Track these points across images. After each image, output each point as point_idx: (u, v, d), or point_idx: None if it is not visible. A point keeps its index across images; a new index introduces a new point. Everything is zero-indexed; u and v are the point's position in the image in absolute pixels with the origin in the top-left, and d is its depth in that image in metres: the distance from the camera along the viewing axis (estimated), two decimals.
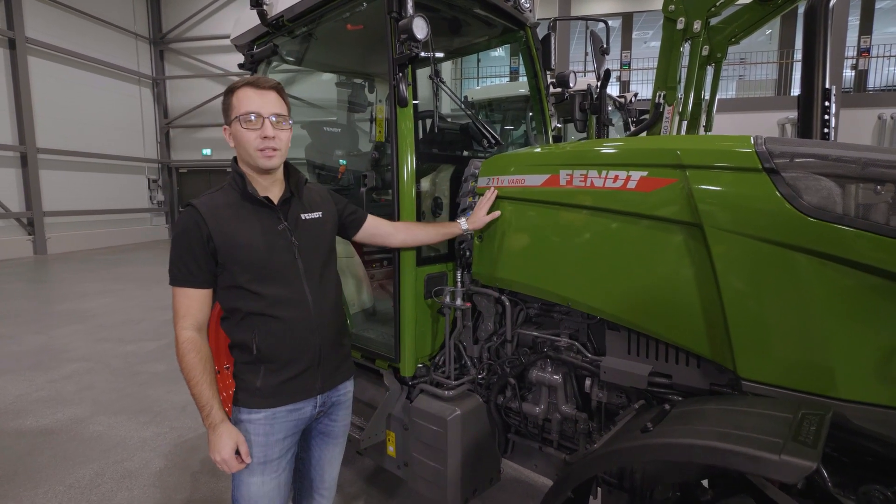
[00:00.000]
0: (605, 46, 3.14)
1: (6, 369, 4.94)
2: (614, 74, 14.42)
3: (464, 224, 2.11)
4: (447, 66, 13.36)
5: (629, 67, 15.14)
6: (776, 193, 1.37)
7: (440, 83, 2.24)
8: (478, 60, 15.84)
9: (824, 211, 1.30)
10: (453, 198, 2.41)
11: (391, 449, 2.40)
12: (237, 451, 1.50)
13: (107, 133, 15.12)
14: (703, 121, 4.50)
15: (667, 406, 1.43)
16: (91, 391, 4.43)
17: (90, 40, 14.58)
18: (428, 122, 2.78)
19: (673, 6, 3.73)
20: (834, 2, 2.06)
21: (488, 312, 2.24)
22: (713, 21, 3.94)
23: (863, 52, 14.04)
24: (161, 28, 17.05)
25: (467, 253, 2.30)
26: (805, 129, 2.14)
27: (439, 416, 2.12)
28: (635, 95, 7.76)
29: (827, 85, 2.07)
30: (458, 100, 2.45)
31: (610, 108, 6.90)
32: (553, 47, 2.95)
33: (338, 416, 1.80)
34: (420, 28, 1.96)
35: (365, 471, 3.13)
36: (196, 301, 1.51)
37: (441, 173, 2.47)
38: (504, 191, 2.12)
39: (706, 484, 1.41)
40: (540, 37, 3.03)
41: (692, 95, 4.07)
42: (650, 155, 1.67)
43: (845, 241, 1.26)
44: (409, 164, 2.20)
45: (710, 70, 4.31)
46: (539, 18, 3.10)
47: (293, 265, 1.58)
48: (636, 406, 1.67)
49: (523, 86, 5.42)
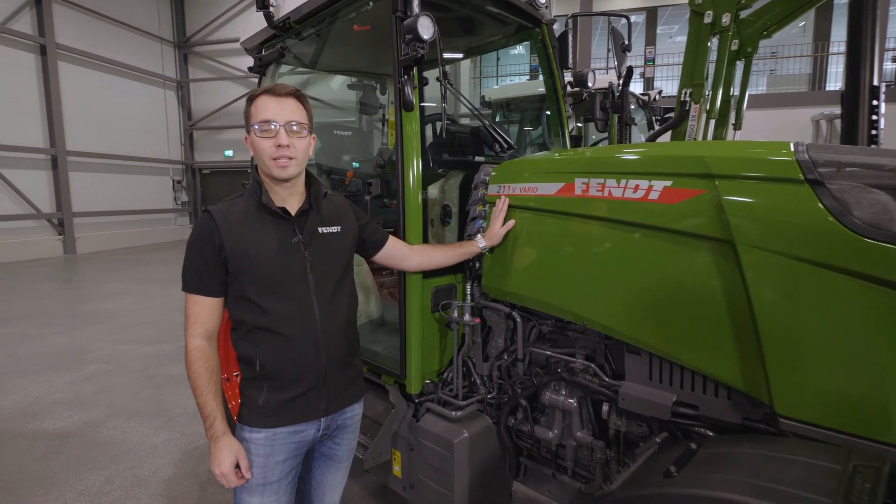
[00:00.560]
0: (627, 43, 2.97)
1: (30, 370, 5.01)
2: (637, 71, 14.05)
3: (481, 242, 2.00)
4: (465, 65, 13.24)
5: (653, 64, 14.73)
6: (820, 207, 1.21)
7: (448, 85, 2.12)
8: (497, 59, 15.67)
9: (878, 229, 1.13)
10: (463, 205, 2.29)
11: (397, 469, 2.29)
12: (238, 465, 1.46)
13: (133, 135, 15.43)
14: (732, 118, 4.27)
15: (693, 445, 1.28)
16: (108, 394, 4.45)
17: (117, 45, 14.89)
18: (438, 126, 2.66)
19: None
20: None
21: (498, 328, 2.11)
22: (743, 14, 3.73)
23: None
24: (185, 32, 17.33)
25: (477, 265, 2.18)
26: (850, 131, 1.95)
27: (446, 439, 2.00)
28: (659, 93, 7.49)
29: (875, 82, 1.87)
30: (469, 103, 2.31)
31: (633, 107, 6.66)
32: (571, 45, 2.80)
33: (342, 440, 1.71)
34: (426, 28, 1.84)
35: (371, 486, 3.03)
36: (206, 309, 1.48)
37: (450, 180, 2.35)
38: (516, 199, 1.99)
39: None
40: (557, 34, 2.88)
41: (720, 92, 3.85)
42: (675, 163, 1.52)
43: None
44: (415, 170, 2.08)
45: (740, 65, 4.07)
46: (557, 15, 2.95)
47: (303, 280, 1.52)
48: (658, 440, 1.52)
49: (543, 84, 5.27)
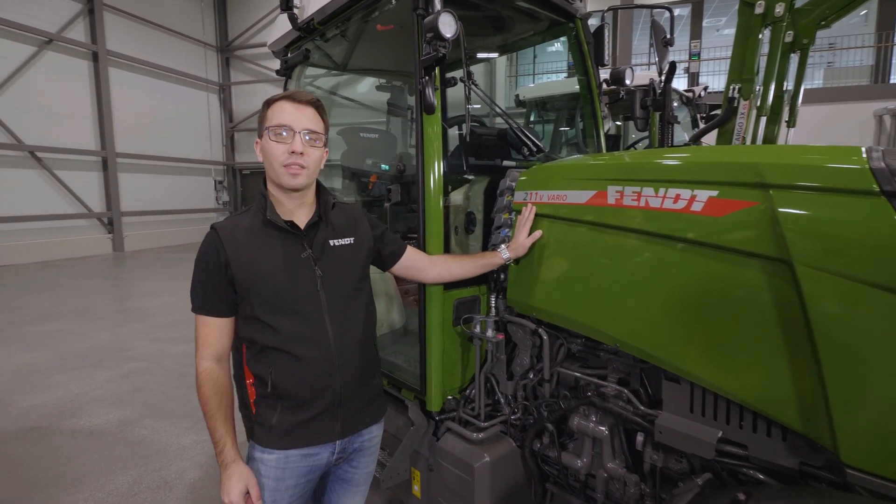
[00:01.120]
0: (670, 37, 2.76)
1: (73, 366, 5.19)
2: (681, 67, 13.46)
3: (504, 253, 1.88)
4: (501, 63, 13.02)
5: (699, 58, 14.10)
6: None
7: (473, 86, 2.00)
8: (534, 56, 15.37)
9: None
10: (488, 213, 2.16)
11: (416, 489, 2.19)
12: (248, 492, 1.39)
13: (177, 137, 15.99)
14: (786, 115, 3.96)
15: (741, 496, 1.11)
16: (142, 392, 4.55)
17: (164, 50, 15.45)
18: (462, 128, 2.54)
19: None
20: None
21: (524, 345, 1.97)
22: (798, 3, 3.44)
23: None
24: (227, 36, 17.82)
25: (502, 276, 2.04)
26: None
27: (466, 462, 1.88)
28: (705, 89, 7.11)
29: None
30: (494, 104, 2.18)
31: (675, 104, 6.34)
32: (607, 40, 2.62)
33: (360, 463, 1.62)
34: (447, 25, 1.72)
35: (393, 499, 2.94)
36: (215, 330, 1.43)
37: (475, 185, 2.22)
38: (544, 208, 1.84)
39: None
40: (593, 29, 2.71)
41: (773, 87, 3.57)
42: (722, 170, 1.35)
43: None
44: (436, 175, 1.97)
45: (794, 58, 3.76)
46: (593, 10, 2.76)
47: (314, 298, 1.45)
48: (700, 481, 1.35)
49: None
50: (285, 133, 1.38)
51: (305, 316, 1.43)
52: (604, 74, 2.98)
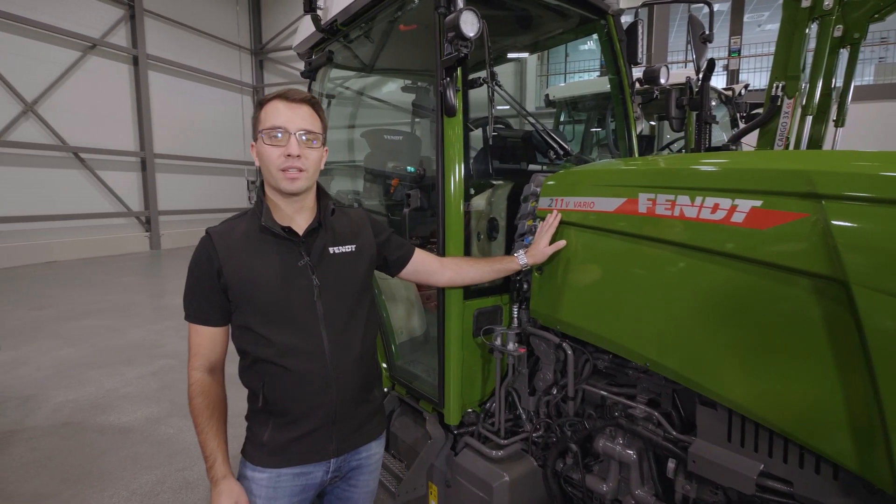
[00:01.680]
0: (708, 33, 2.60)
1: (106, 362, 5.34)
2: (720, 64, 12.96)
3: (522, 258, 1.78)
4: (532, 62, 12.83)
5: (739, 55, 13.56)
6: None
7: (497, 87, 1.91)
8: (565, 55, 15.11)
9: None
10: (511, 219, 2.07)
11: None
12: None
13: (212, 138, 16.39)
14: (833, 114, 3.72)
15: None
16: (170, 390, 4.63)
17: (200, 54, 15.86)
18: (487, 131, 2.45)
19: None
20: None
21: (547, 359, 1.88)
22: None
23: None
24: (261, 39, 18.17)
25: (524, 286, 1.95)
26: None
27: (484, 481, 1.80)
28: (745, 87, 6.80)
29: None
30: (519, 106, 2.09)
31: (714, 103, 6.08)
32: (641, 37, 2.49)
33: (359, 482, 1.55)
34: (469, 24, 1.64)
35: None
36: (207, 339, 1.38)
37: (498, 190, 2.14)
38: (570, 215, 1.74)
39: None
40: (626, 26, 2.58)
41: (820, 85, 3.35)
42: (767, 177, 1.22)
43: None
44: (457, 179, 1.89)
45: (843, 54, 3.52)
46: (627, 7, 2.63)
47: (311, 309, 1.37)
48: None
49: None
50: (280, 135, 1.31)
51: (301, 327, 1.36)
52: (637, 73, 2.85)
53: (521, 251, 1.79)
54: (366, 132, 3.34)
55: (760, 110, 3.50)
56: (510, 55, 3.48)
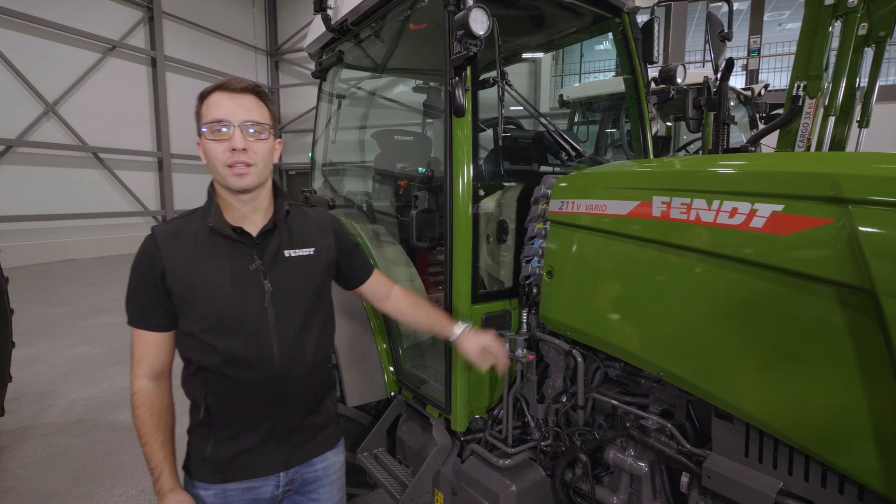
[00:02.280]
0: (727, 31, 2.53)
1: (120, 360, 5.40)
2: (740, 63, 12.73)
3: (458, 329, 1.61)
4: (546, 62, 12.73)
5: (758, 54, 13.31)
6: None
7: (508, 87, 1.87)
8: (580, 55, 14.98)
9: None
10: (521, 221, 2.02)
11: None
12: None
13: None
14: (857, 114, 3.60)
15: None
16: (179, 390, 4.65)
17: (216, 55, 16.06)
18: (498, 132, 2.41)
19: None
20: None
21: (557, 366, 1.83)
22: None
23: None
24: (277, 40, 18.34)
25: (534, 290, 1.90)
26: None
27: (491, 491, 1.76)
28: (765, 87, 6.65)
29: None
30: (531, 106, 2.04)
31: (732, 104, 5.95)
32: (657, 36, 2.42)
33: (321, 495, 1.46)
34: (479, 22, 1.60)
35: None
36: (151, 345, 1.29)
37: (508, 192, 2.09)
38: (581, 218, 1.69)
39: None
40: (641, 24, 2.52)
41: (843, 85, 3.24)
42: (789, 181, 1.16)
43: None
44: (465, 180, 1.86)
45: (868, 52, 3.41)
46: (641, 7, 2.56)
47: (261, 316, 1.29)
48: None
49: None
50: (224, 129, 1.22)
51: (249, 335, 1.28)
52: (653, 72, 2.78)
53: (462, 328, 1.62)
54: (376, 133, 3.32)
55: (781, 111, 3.41)
56: (523, 55, 3.43)
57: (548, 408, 1.88)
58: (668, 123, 6.54)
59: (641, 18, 2.57)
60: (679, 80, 2.41)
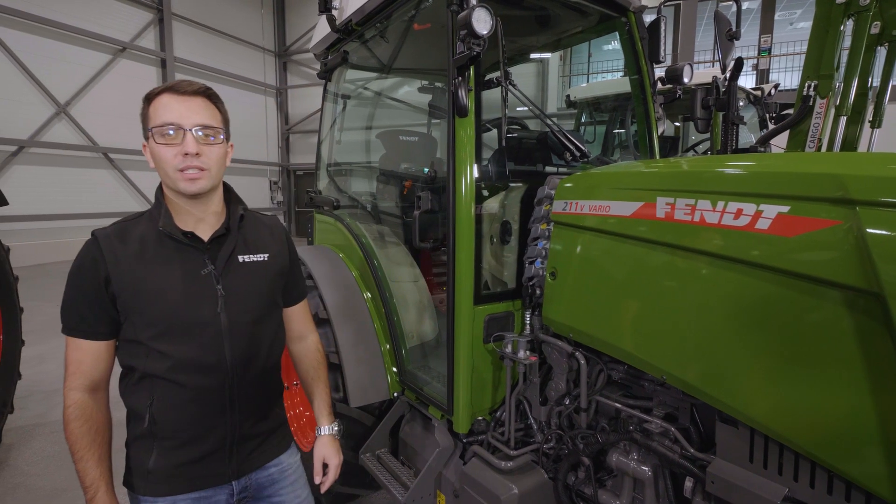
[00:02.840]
0: (735, 30, 2.50)
1: None
2: (749, 63, 12.59)
3: (324, 430, 1.55)
4: (554, 62, 12.68)
5: (769, 54, 13.17)
6: None
7: (511, 87, 1.86)
8: (588, 55, 14.90)
9: None
10: (525, 222, 2.01)
11: None
12: None
13: (236, 139, 16.02)
14: (869, 114, 3.55)
15: None
16: None
17: (225, 56, 16.16)
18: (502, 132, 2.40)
19: None
20: None
21: (559, 368, 1.81)
22: None
23: None
24: (285, 41, 18.43)
25: (537, 291, 1.89)
26: None
27: (493, 493, 1.74)
28: (775, 87, 6.57)
29: None
30: (535, 106, 2.03)
31: (742, 104, 5.90)
32: (663, 35, 2.40)
33: (282, 497, 1.43)
34: (482, 22, 1.59)
35: None
36: (89, 356, 1.22)
37: (512, 193, 2.08)
38: (585, 219, 1.68)
39: None
40: (648, 24, 2.49)
41: (855, 84, 3.19)
42: (795, 181, 1.15)
43: None
44: (468, 181, 1.85)
45: (881, 51, 3.36)
46: (648, 5, 2.54)
47: (213, 320, 1.25)
48: None
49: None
50: (172, 132, 1.17)
51: (200, 340, 1.23)
52: (660, 72, 2.76)
53: (329, 432, 1.54)
54: (381, 133, 3.32)
55: (791, 111, 3.36)
56: (528, 55, 3.41)
57: (550, 410, 1.86)
58: (677, 124, 6.49)
59: (648, 18, 2.54)
60: (686, 80, 2.39)
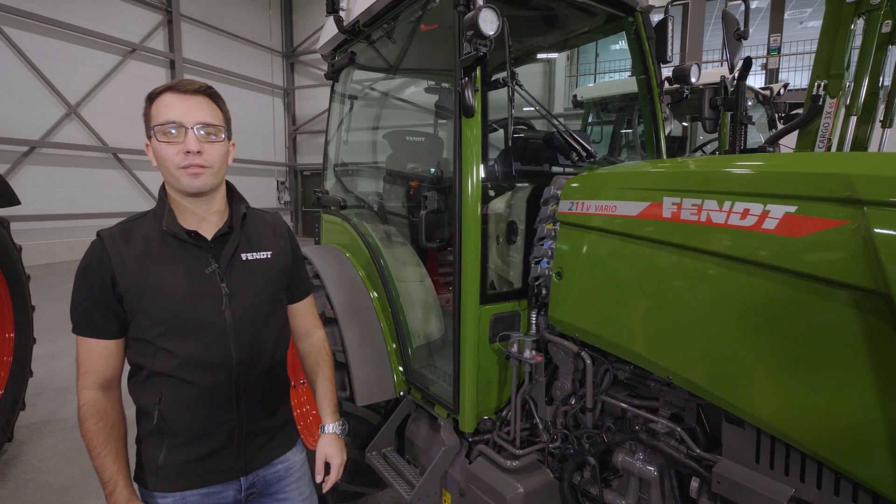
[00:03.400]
0: (743, 29, 2.48)
1: None
2: (759, 63, 12.49)
3: (328, 427, 1.52)
4: (561, 62, 12.65)
5: (779, 53, 13.06)
6: None
7: (518, 87, 1.87)
8: (595, 55, 14.86)
9: None
10: (531, 222, 2.01)
11: None
12: None
13: (244, 139, 16.77)
14: (880, 114, 3.51)
15: None
16: None
17: (234, 57, 16.27)
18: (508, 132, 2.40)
19: None
20: None
21: (565, 368, 1.81)
22: None
23: None
24: (292, 42, 18.52)
25: (543, 291, 1.89)
26: None
27: (498, 492, 1.75)
28: (785, 86, 6.52)
29: None
30: (541, 106, 2.03)
31: (750, 103, 5.85)
32: (670, 35, 2.39)
33: (289, 494, 1.45)
34: (489, 22, 1.59)
35: None
36: (100, 354, 1.24)
37: (518, 193, 2.09)
38: (592, 219, 1.68)
39: None
40: (655, 23, 2.49)
41: (865, 84, 3.16)
42: (803, 181, 1.14)
43: None
44: (474, 181, 1.85)
45: (892, 50, 3.33)
46: (655, 5, 2.53)
47: (218, 318, 1.27)
48: None
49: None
50: (174, 131, 1.19)
51: (206, 338, 1.25)
52: (666, 72, 2.75)
53: (334, 430, 1.51)
54: (387, 133, 3.34)
55: (800, 111, 3.34)
56: (535, 55, 3.41)
57: (556, 410, 1.87)
58: (684, 124, 6.45)
59: (656, 17, 2.54)
60: (693, 80, 2.38)
